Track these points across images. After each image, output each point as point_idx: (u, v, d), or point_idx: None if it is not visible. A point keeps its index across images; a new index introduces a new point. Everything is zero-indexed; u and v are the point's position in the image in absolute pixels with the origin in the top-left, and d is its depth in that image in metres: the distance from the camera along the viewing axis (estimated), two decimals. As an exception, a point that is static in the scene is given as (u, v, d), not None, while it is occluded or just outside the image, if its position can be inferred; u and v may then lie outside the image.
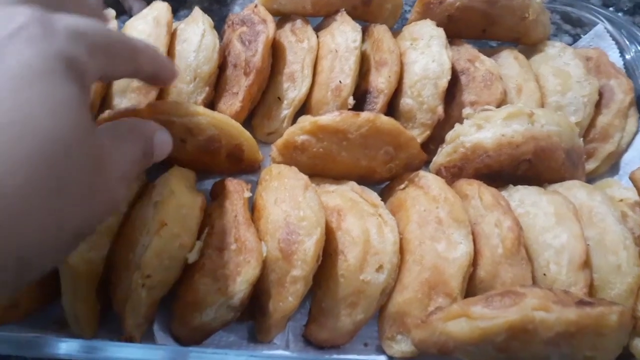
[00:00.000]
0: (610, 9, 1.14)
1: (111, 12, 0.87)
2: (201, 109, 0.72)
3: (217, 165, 0.76)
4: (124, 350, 0.57)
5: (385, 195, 0.77)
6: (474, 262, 0.64)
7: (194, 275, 0.63)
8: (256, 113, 0.85)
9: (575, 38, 1.02)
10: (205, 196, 0.70)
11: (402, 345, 0.64)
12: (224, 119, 0.73)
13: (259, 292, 0.64)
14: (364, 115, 0.71)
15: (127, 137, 0.51)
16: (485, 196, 0.68)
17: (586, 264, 0.63)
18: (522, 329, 0.52)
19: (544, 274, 0.65)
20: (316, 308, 0.67)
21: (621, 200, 0.74)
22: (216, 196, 0.73)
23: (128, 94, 0.80)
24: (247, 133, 0.76)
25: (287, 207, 0.64)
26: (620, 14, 1.11)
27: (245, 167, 0.78)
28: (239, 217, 0.66)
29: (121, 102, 0.79)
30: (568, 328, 0.52)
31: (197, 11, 0.86)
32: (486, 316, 0.52)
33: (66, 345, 0.57)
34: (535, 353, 0.53)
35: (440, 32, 0.82)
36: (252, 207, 0.71)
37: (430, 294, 0.63)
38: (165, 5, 0.85)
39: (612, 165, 0.84)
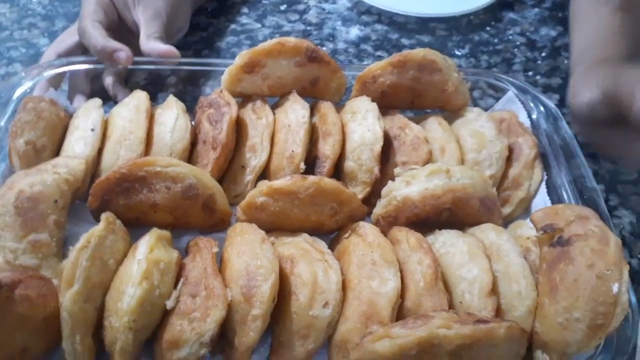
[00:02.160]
0: (530, 72, 1.33)
1: (98, 101, 1.03)
2: (181, 162, 0.88)
3: (194, 216, 0.90)
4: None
5: (334, 243, 0.92)
6: (402, 295, 0.78)
7: (171, 318, 0.76)
8: (224, 179, 1.00)
9: (498, 100, 1.19)
10: (180, 253, 0.84)
11: (347, 369, 0.77)
12: (200, 170, 0.89)
13: (226, 330, 0.77)
14: (310, 178, 0.86)
15: None
16: (411, 240, 0.83)
17: (493, 291, 0.77)
18: (430, 343, 0.66)
19: (460, 302, 0.79)
20: (275, 341, 0.80)
21: (528, 238, 0.89)
22: (188, 253, 0.87)
23: (114, 170, 0.95)
24: (218, 185, 0.91)
25: (247, 258, 0.79)
26: (538, 77, 1.30)
27: (217, 222, 0.93)
28: (208, 269, 0.80)
29: (109, 177, 0.94)
30: (465, 341, 0.66)
31: (171, 98, 1.02)
32: (401, 335, 0.66)
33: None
34: (443, 363, 0.67)
35: (374, 106, 0.99)
36: (220, 260, 0.85)
37: (366, 323, 0.76)
38: (144, 94, 1.01)
39: (524, 209, 0.99)
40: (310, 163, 0.98)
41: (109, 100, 1.16)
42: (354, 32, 1.40)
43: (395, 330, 0.68)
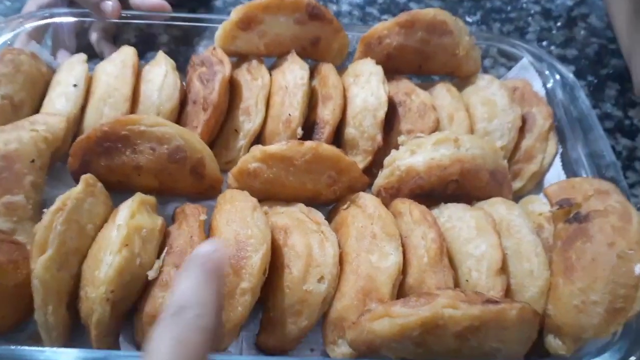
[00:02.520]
0: (544, 42, 1.25)
1: (83, 56, 0.96)
2: (168, 122, 0.81)
3: (181, 181, 0.83)
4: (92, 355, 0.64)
5: (332, 215, 0.86)
6: (404, 271, 0.72)
7: (153, 289, 0.71)
8: (215, 144, 0.93)
9: (510, 69, 1.13)
10: (164, 220, 0.78)
11: (342, 349, 0.71)
12: (189, 132, 0.83)
13: (213, 303, 0.71)
14: (308, 143, 0.80)
15: None
16: (415, 212, 0.77)
17: (502, 270, 0.72)
18: (434, 324, 0.60)
19: (467, 280, 0.73)
20: (266, 318, 0.74)
21: (540, 214, 0.83)
22: (175, 220, 0.81)
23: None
24: (209, 149, 0.84)
25: (237, 227, 0.72)
26: (552, 47, 1.23)
27: (207, 188, 0.86)
28: (194, 237, 0.74)
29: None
30: (473, 322, 0.60)
31: (160, 54, 0.95)
32: (403, 314, 0.60)
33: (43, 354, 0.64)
34: (448, 346, 0.61)
35: (379, 69, 0.92)
36: (209, 228, 0.79)
37: (365, 301, 0.71)
38: (132, 49, 0.94)
39: (536, 184, 0.93)
40: (309, 128, 0.91)
41: (95, 57, 1.08)
42: (359, -7, 1.32)
43: (396, 309, 0.62)
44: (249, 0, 1.18)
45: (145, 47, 1.15)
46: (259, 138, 0.93)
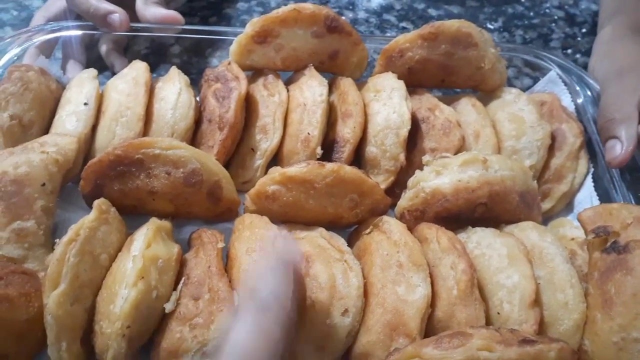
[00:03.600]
0: (569, 50, 1.21)
1: (93, 71, 0.93)
2: (183, 144, 0.78)
3: (197, 205, 0.81)
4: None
5: (352, 238, 0.82)
6: (432, 303, 0.69)
7: (170, 323, 0.68)
8: (231, 163, 0.90)
9: (535, 80, 1.09)
10: (181, 246, 0.75)
11: (367, 384, 0.69)
12: (205, 154, 0.80)
13: (232, 338, 0.68)
14: (329, 166, 0.76)
15: None
16: (442, 240, 0.73)
17: (536, 302, 0.68)
18: (469, 368, 0.56)
19: (498, 313, 0.69)
20: (288, 352, 0.71)
21: (572, 239, 0.79)
22: (191, 246, 0.78)
23: (109, 150, 0.85)
24: (225, 172, 0.81)
25: (258, 257, 0.69)
26: (578, 55, 1.19)
27: (223, 211, 0.83)
28: (212, 267, 0.70)
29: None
30: (510, 366, 0.56)
31: (173, 70, 0.92)
32: (435, 357, 0.57)
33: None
34: (483, 390, 0.58)
35: (401, 85, 0.88)
36: (227, 256, 0.76)
37: (391, 335, 0.67)
38: (144, 65, 0.91)
39: (566, 205, 0.90)
40: (327, 147, 0.88)
41: (106, 69, 1.06)
42: (376, 0, 1.28)
43: (427, 351, 0.58)
44: (261, 11, 1.15)
45: (157, 58, 1.12)
46: (276, 157, 0.89)
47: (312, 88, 0.89)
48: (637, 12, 1.05)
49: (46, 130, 0.89)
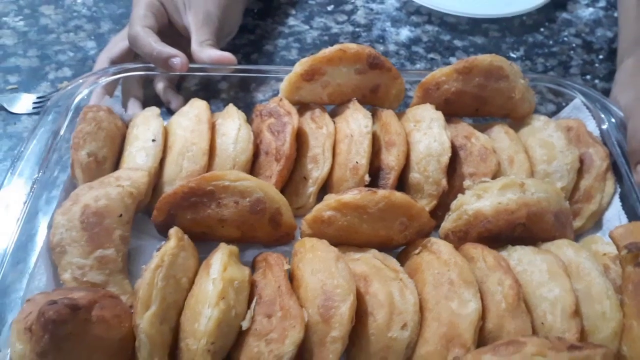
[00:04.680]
0: (588, 76, 1.29)
1: (156, 110, 1.02)
2: (249, 176, 0.86)
3: (260, 230, 0.88)
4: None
5: (402, 259, 0.89)
6: (483, 316, 0.76)
7: (247, 339, 0.75)
8: (285, 191, 0.98)
9: (559, 106, 1.17)
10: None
11: (426, 392, 0.75)
12: (267, 184, 0.88)
13: (303, 352, 0.75)
14: (381, 192, 0.84)
15: None
16: (488, 258, 0.81)
17: (576, 313, 0.75)
18: (525, 373, 0.63)
19: (542, 323, 0.76)
20: (351, 364, 0.78)
21: (604, 254, 0.86)
22: (256, 268, 0.85)
23: (177, 182, 0.93)
24: (284, 199, 0.89)
25: (323, 277, 0.77)
26: (596, 81, 1.26)
27: (282, 235, 0.91)
28: (282, 287, 0.78)
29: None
30: (562, 370, 0.63)
31: (231, 107, 1.00)
32: (495, 364, 0.64)
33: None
34: (537, 392, 0.65)
35: (439, 115, 0.96)
36: (291, 277, 0.83)
37: (447, 346, 0.74)
38: (204, 103, 1.00)
39: (595, 223, 0.97)
40: (373, 174, 0.95)
41: (161, 105, 1.14)
42: (405, 33, 1.37)
43: (487, 358, 0.65)
44: (298, 46, 1.24)
45: (207, 94, 1.20)
46: (326, 184, 0.97)
47: (357, 120, 0.97)
48: None
49: (116, 164, 0.97)
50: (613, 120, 1.02)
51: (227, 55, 1.07)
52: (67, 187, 0.93)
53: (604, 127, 1.02)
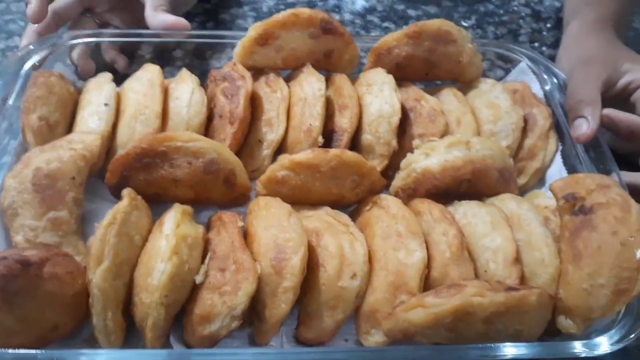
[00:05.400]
0: (536, 43, 1.33)
1: (109, 75, 1.01)
2: (202, 137, 0.87)
3: (214, 191, 0.89)
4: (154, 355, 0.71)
5: (354, 215, 0.92)
6: (428, 265, 0.79)
7: (201, 293, 0.76)
8: (240, 154, 0.98)
9: (507, 71, 1.20)
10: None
11: (376, 337, 0.78)
12: (221, 145, 0.89)
13: (256, 303, 0.77)
14: (332, 151, 0.86)
15: None
16: (434, 211, 0.84)
17: (517, 260, 0.79)
18: (464, 311, 0.67)
19: (485, 271, 0.80)
20: (303, 313, 0.81)
21: (546, 207, 0.91)
22: (211, 227, 0.87)
23: (130, 146, 0.93)
24: (239, 161, 0.90)
25: (276, 231, 0.79)
26: (544, 48, 1.31)
27: (237, 196, 0.92)
28: (235, 243, 0.79)
29: (125, 153, 0.93)
30: (499, 308, 0.67)
31: (185, 72, 1.01)
32: (436, 304, 0.68)
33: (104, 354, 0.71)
34: (476, 330, 0.69)
35: (390, 78, 0.99)
36: (245, 234, 0.85)
37: (395, 293, 0.77)
38: (157, 68, 1.00)
39: (539, 179, 1.01)
40: (327, 136, 0.97)
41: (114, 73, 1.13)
42: (360, 3, 1.39)
43: (429, 300, 0.69)
44: (254, 15, 1.25)
45: (162, 62, 1.19)
46: (281, 147, 0.99)
47: (311, 84, 0.99)
48: (600, 8, 1.17)
49: (69, 129, 0.97)
50: (556, 81, 1.06)
51: (181, 21, 1.07)
52: (19, 152, 0.92)
53: (547, 88, 1.06)
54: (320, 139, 0.95)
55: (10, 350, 0.68)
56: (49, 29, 1.10)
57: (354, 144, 0.99)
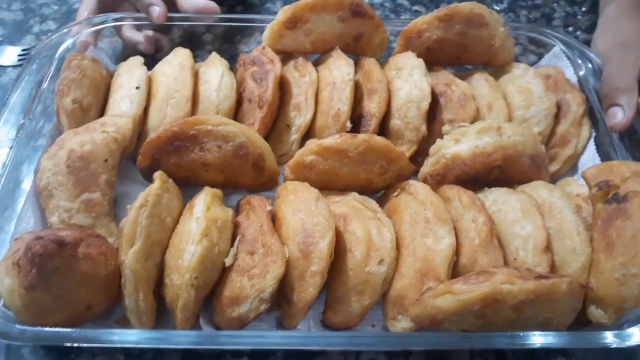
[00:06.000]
0: (570, 28, 1.30)
1: (140, 59, 1.02)
2: (232, 121, 0.88)
3: (243, 175, 0.90)
4: (183, 336, 0.72)
5: (382, 201, 0.92)
6: (457, 252, 0.79)
7: (231, 275, 0.78)
8: (269, 138, 0.99)
9: (540, 56, 1.18)
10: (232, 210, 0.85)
11: (402, 323, 0.78)
12: (250, 130, 0.90)
13: (284, 286, 0.78)
14: (360, 136, 0.86)
15: None
16: (463, 198, 0.83)
17: (547, 248, 0.78)
18: (493, 298, 0.67)
19: (515, 259, 0.79)
20: (331, 297, 0.81)
21: (578, 195, 0.89)
22: (240, 211, 0.88)
23: (161, 129, 0.94)
24: (267, 145, 0.91)
25: (304, 216, 0.79)
26: (578, 32, 1.28)
27: (266, 180, 0.93)
28: (264, 226, 0.80)
29: (156, 136, 0.94)
30: (528, 296, 0.67)
31: (214, 55, 1.01)
32: (465, 290, 0.67)
33: (135, 334, 0.72)
34: (505, 317, 0.68)
35: (420, 62, 0.98)
36: (273, 218, 0.86)
37: (422, 280, 0.77)
38: (187, 52, 1.00)
39: (571, 167, 0.99)
40: (355, 121, 0.97)
41: (146, 56, 1.14)
42: (390, -15, 1.37)
43: (457, 286, 0.69)
44: (283, 0, 1.24)
45: (191, 46, 1.20)
46: (309, 131, 0.99)
47: (340, 68, 0.98)
48: None
49: (101, 112, 0.98)
50: (590, 66, 1.03)
51: (211, 4, 1.08)
52: (53, 135, 0.94)
53: (581, 73, 1.04)
54: (349, 124, 0.95)
55: (47, 329, 0.70)
56: None
57: (383, 129, 0.99)
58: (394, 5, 1.33)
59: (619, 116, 0.92)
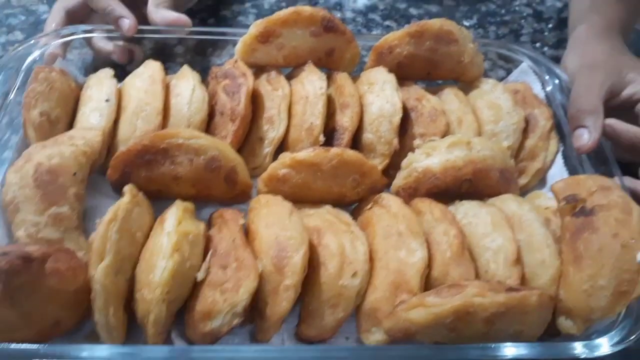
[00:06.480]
0: (537, 44, 1.33)
1: (110, 71, 1.01)
2: (203, 134, 0.87)
3: (216, 188, 0.89)
4: (155, 351, 0.71)
5: (355, 214, 0.92)
6: (429, 265, 0.79)
7: (203, 290, 0.77)
8: (241, 152, 0.98)
9: (508, 71, 1.20)
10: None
11: (376, 336, 0.78)
12: (222, 143, 0.89)
13: (258, 300, 0.77)
14: (333, 150, 0.86)
15: None
16: (435, 211, 0.84)
17: (517, 261, 0.79)
18: (465, 311, 0.67)
19: (486, 271, 0.80)
20: (305, 311, 0.81)
21: (546, 208, 0.91)
22: (213, 224, 0.87)
23: (131, 142, 0.93)
24: (240, 158, 0.90)
25: (277, 230, 0.79)
26: (545, 48, 1.31)
27: (238, 193, 0.92)
28: (236, 240, 0.80)
29: (127, 149, 0.92)
30: (499, 309, 0.67)
31: (186, 68, 1.01)
32: (437, 304, 0.68)
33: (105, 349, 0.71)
34: (477, 330, 0.69)
35: (392, 77, 0.99)
36: (246, 232, 0.85)
37: (395, 292, 0.78)
38: (158, 64, 0.99)
39: (540, 180, 1.01)
40: (328, 135, 0.97)
41: (115, 67, 1.13)
42: (362, 1, 1.39)
43: (430, 299, 0.69)
44: (256, 12, 1.25)
45: (163, 58, 1.19)
46: (282, 145, 0.99)
47: (312, 82, 0.99)
48: (609, 13, 1.15)
49: (70, 125, 0.97)
50: (557, 82, 1.06)
51: (183, 18, 1.07)
52: (20, 148, 0.92)
53: (549, 89, 1.06)
54: (322, 138, 0.95)
55: (13, 345, 0.68)
56: None
57: (355, 142, 0.99)
58: (365, 20, 1.35)
59: (584, 138, 0.94)
